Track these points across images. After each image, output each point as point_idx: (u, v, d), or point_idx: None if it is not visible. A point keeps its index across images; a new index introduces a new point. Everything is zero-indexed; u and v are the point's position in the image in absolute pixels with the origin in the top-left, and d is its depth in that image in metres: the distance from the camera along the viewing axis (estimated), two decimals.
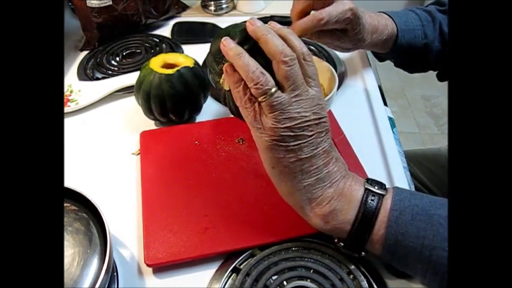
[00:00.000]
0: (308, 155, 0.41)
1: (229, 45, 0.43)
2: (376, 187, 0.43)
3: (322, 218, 0.43)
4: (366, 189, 0.43)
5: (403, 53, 0.67)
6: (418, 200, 0.42)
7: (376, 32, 0.63)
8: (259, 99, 0.41)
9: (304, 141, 0.41)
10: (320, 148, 0.42)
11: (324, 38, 0.61)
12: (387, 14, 0.66)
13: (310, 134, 0.41)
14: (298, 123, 0.40)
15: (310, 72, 0.42)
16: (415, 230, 0.40)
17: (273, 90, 0.40)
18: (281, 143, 0.41)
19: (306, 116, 0.41)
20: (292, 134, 0.41)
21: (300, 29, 0.58)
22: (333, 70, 0.62)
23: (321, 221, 0.43)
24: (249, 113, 0.42)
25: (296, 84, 0.40)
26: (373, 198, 0.42)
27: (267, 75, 0.41)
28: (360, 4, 0.61)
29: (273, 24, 0.44)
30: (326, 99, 0.56)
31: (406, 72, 0.76)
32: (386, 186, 0.44)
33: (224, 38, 0.43)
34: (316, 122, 0.41)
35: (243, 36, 0.44)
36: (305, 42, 0.47)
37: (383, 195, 0.42)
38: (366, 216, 0.41)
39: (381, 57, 0.74)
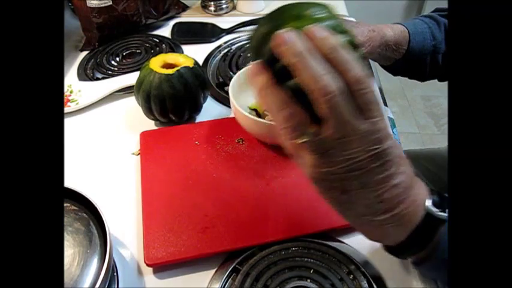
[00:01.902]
0: (357, 190, 0.35)
1: (252, 76, 0.35)
2: (438, 208, 0.37)
3: (373, 238, 0.40)
4: (426, 213, 0.37)
5: (415, 58, 0.66)
6: None
7: (389, 27, 0.63)
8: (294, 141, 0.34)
9: (352, 180, 0.34)
10: (373, 182, 0.34)
11: None
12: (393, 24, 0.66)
13: (359, 172, 0.34)
14: (344, 166, 0.33)
15: (363, 101, 0.32)
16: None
17: (308, 132, 0.33)
18: (323, 182, 0.35)
19: (354, 158, 0.33)
20: (335, 176, 0.34)
21: None
22: None
23: (371, 239, 0.40)
24: (288, 144, 0.35)
25: (340, 124, 0.32)
26: (431, 223, 0.37)
27: (298, 116, 0.33)
28: (361, 4, 0.61)
29: (311, 30, 0.32)
30: None
31: None
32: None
33: (250, 66, 0.35)
34: (370, 158, 0.33)
35: (271, 54, 0.33)
36: None
37: (443, 221, 0.37)
38: (419, 242, 0.38)
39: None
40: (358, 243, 0.50)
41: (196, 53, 0.79)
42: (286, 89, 0.33)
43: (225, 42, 0.87)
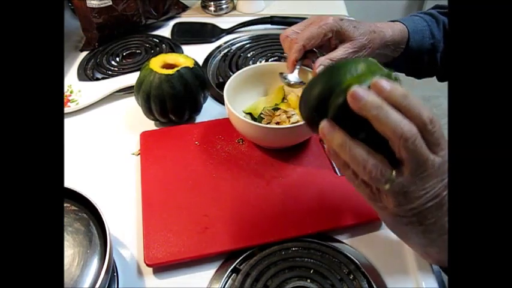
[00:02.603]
0: (432, 220, 0.37)
1: (329, 134, 0.36)
2: None
3: (439, 262, 0.43)
4: None
5: (413, 56, 0.66)
6: None
7: (389, 27, 0.63)
8: (377, 186, 0.37)
9: (429, 210, 0.37)
10: (444, 208, 0.37)
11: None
12: (392, 21, 0.66)
13: (435, 202, 0.36)
14: (425, 200, 0.36)
15: (435, 139, 0.35)
16: None
17: (392, 177, 0.35)
18: (404, 218, 0.38)
19: (432, 190, 0.36)
20: (417, 210, 0.37)
21: (290, 65, 0.57)
22: None
23: (439, 263, 0.43)
24: (365, 193, 0.38)
25: (419, 163, 0.34)
26: None
27: (380, 164, 0.35)
28: (360, 4, 0.61)
29: (379, 83, 0.34)
30: None
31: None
32: None
33: (323, 124, 0.36)
34: (443, 187, 0.36)
35: (340, 109, 0.35)
36: None
37: None
38: None
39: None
40: (358, 243, 0.50)
41: (196, 53, 0.79)
42: (361, 140, 0.35)
43: (225, 43, 0.87)
